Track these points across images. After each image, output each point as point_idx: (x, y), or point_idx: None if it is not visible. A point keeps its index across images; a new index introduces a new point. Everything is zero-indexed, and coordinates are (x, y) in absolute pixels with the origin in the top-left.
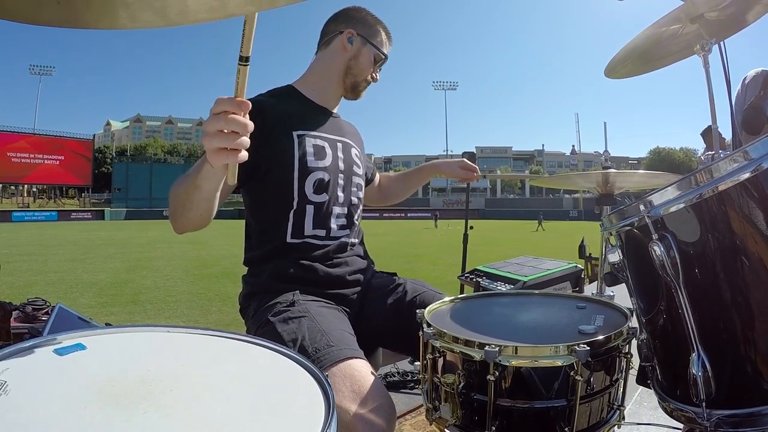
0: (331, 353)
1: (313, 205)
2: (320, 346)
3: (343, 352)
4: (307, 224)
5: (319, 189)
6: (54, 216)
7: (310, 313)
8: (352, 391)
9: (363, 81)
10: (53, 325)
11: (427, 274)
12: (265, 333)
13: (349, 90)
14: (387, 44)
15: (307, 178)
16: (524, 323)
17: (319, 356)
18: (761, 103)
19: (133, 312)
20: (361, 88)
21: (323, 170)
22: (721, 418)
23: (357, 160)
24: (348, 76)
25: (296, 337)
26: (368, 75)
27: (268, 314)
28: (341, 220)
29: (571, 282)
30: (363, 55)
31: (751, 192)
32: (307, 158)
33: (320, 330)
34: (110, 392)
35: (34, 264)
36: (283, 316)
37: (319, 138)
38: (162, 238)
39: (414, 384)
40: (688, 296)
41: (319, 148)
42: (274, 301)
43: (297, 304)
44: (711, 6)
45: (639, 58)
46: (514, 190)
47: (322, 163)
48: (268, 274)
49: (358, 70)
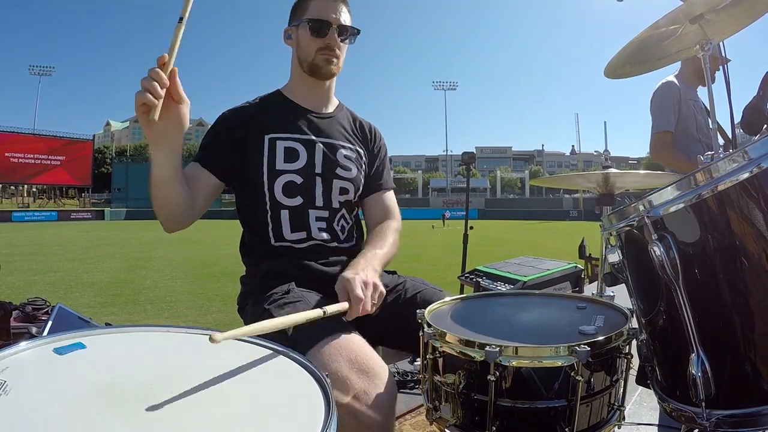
0: (328, 327)
1: (287, 209)
2: (316, 325)
3: (340, 326)
4: (285, 228)
5: (291, 192)
6: (54, 216)
7: (305, 298)
8: (349, 360)
9: (315, 58)
10: (53, 324)
11: (427, 274)
12: (260, 318)
13: (311, 73)
14: (322, 7)
15: (275, 181)
16: (525, 323)
17: (316, 329)
18: (761, 103)
19: (133, 312)
20: (320, 63)
21: (293, 173)
22: (721, 418)
23: (346, 162)
24: (302, 64)
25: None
26: (314, 50)
27: (264, 304)
28: (321, 223)
29: (571, 282)
30: (300, 37)
31: (751, 192)
32: (276, 161)
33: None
34: (110, 392)
35: (34, 264)
36: (279, 302)
37: (293, 140)
38: (162, 238)
39: (414, 384)
40: (687, 296)
41: (290, 150)
42: (270, 292)
43: (293, 292)
44: (711, 6)
45: (639, 58)
46: (514, 190)
47: (291, 165)
48: (263, 273)
49: (303, 53)
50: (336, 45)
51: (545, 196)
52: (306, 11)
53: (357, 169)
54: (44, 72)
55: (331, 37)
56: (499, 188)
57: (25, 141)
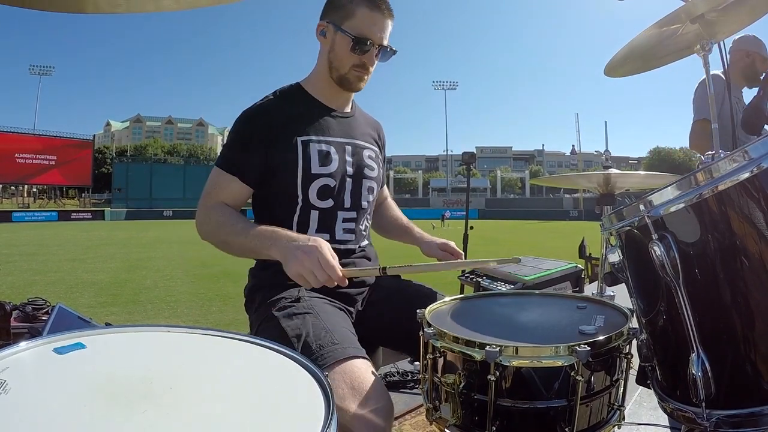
0: (335, 351)
1: (317, 210)
2: (324, 344)
3: (347, 350)
4: (311, 228)
5: (324, 195)
6: (54, 216)
7: (315, 310)
8: (352, 388)
9: (348, 72)
10: (53, 324)
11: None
12: (268, 328)
13: (339, 84)
14: (370, 23)
15: (311, 185)
16: (525, 323)
17: (323, 353)
18: (761, 103)
19: (133, 312)
20: (351, 79)
21: (328, 176)
22: (721, 419)
23: (370, 162)
24: (332, 71)
25: (300, 333)
26: (349, 65)
27: (272, 309)
28: (348, 224)
29: (571, 282)
30: (337, 44)
31: (751, 192)
32: (311, 165)
33: (324, 327)
34: (110, 391)
35: (34, 264)
36: (288, 312)
37: (325, 143)
38: (162, 238)
39: (414, 384)
40: (688, 296)
41: (324, 153)
42: (279, 296)
43: (302, 300)
44: (711, 6)
45: (639, 58)
46: (514, 190)
47: (326, 169)
48: (276, 268)
49: (337, 62)
50: (372, 64)
51: (545, 196)
52: (351, 18)
53: (378, 168)
54: (44, 72)
55: (370, 56)
56: (499, 188)
57: (25, 141)
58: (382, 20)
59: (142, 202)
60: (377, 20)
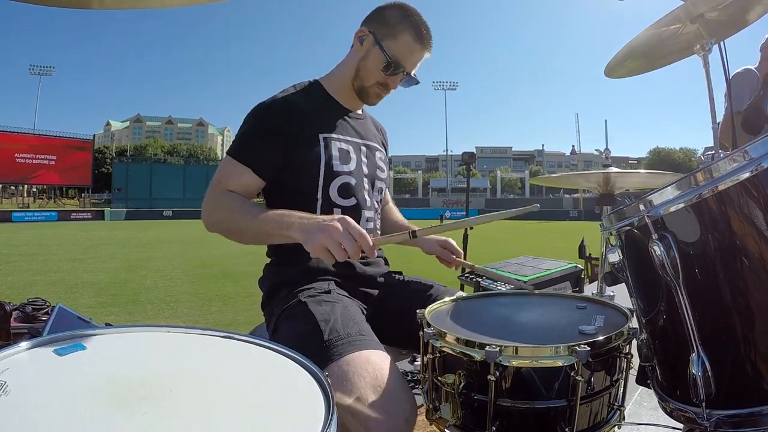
0: (363, 342)
1: (341, 208)
2: (352, 332)
3: (373, 343)
4: None
5: (345, 193)
6: (54, 216)
7: (344, 303)
8: (374, 378)
9: (370, 87)
10: (53, 325)
11: (427, 274)
12: (294, 310)
13: (357, 93)
14: (409, 51)
15: (332, 182)
16: (524, 323)
17: (351, 340)
18: (761, 103)
19: (133, 312)
20: (371, 94)
21: (348, 174)
22: (721, 418)
23: (381, 164)
24: (356, 79)
25: (329, 318)
26: (374, 81)
27: (300, 296)
28: (369, 224)
29: (571, 282)
30: (371, 57)
31: (751, 192)
32: (333, 162)
33: (353, 319)
34: (110, 392)
35: (34, 264)
36: (318, 299)
37: (344, 141)
38: (162, 238)
39: (414, 384)
40: (688, 296)
41: (344, 152)
42: (309, 286)
43: (332, 293)
44: (711, 6)
45: (639, 58)
46: (514, 190)
47: (347, 167)
48: (303, 266)
49: (364, 73)
50: (395, 87)
51: (545, 196)
52: (394, 39)
53: (386, 170)
54: (44, 72)
55: (395, 80)
56: (499, 188)
57: (25, 141)
58: (421, 52)
59: (142, 202)
60: (417, 51)
